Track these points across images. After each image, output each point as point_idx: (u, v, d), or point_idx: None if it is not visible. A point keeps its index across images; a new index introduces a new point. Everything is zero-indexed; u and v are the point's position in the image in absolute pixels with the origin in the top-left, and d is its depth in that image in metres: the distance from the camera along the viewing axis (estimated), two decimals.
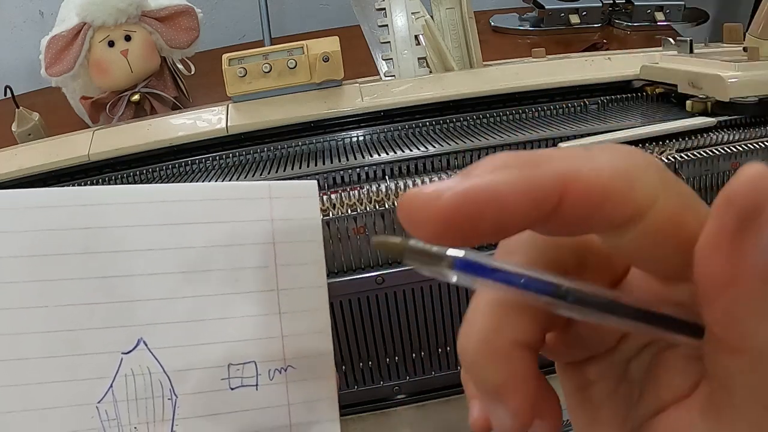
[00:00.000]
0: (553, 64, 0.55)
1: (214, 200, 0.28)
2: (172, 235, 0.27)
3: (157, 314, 0.27)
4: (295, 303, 0.28)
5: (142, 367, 0.26)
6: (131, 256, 0.27)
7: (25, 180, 0.49)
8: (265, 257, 0.28)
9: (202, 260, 0.27)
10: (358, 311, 0.39)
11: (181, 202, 0.27)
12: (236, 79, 0.50)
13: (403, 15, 0.56)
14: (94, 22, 0.62)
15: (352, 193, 0.39)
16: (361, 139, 0.50)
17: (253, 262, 0.28)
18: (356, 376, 0.41)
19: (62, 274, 0.26)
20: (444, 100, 0.51)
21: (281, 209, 0.28)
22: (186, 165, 0.49)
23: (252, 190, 0.28)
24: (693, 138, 0.44)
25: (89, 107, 0.66)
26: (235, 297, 0.28)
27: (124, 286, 0.26)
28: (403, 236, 0.15)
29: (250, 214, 0.28)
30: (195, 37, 0.69)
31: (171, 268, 0.27)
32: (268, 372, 0.28)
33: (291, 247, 0.28)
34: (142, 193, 0.27)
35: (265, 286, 0.28)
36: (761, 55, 0.49)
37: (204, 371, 0.27)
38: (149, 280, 0.27)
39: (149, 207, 0.27)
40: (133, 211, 0.27)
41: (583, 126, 0.47)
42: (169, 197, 0.27)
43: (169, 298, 0.27)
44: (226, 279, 0.28)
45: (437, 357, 0.41)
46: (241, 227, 0.28)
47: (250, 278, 0.28)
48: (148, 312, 0.27)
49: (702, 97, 0.46)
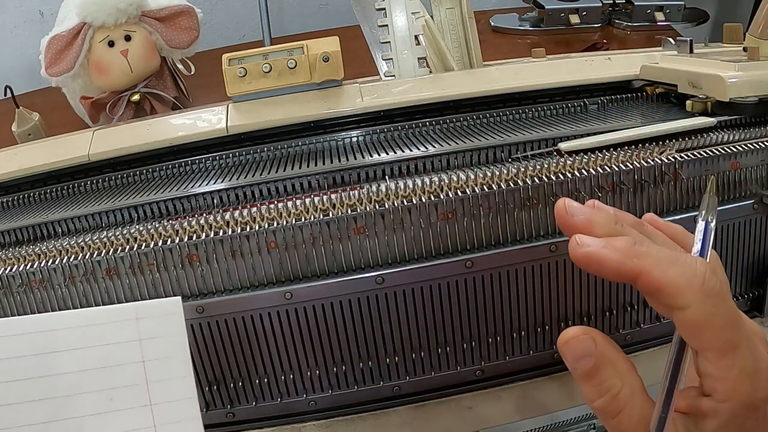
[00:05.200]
0: (553, 64, 0.55)
1: (85, 326, 0.30)
2: (46, 363, 0.29)
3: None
4: (168, 415, 0.31)
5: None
6: (9, 387, 0.29)
7: (25, 180, 0.49)
8: (136, 375, 0.31)
9: (77, 383, 0.30)
10: (358, 311, 0.39)
11: (53, 331, 0.30)
12: (236, 79, 0.50)
13: (403, 15, 0.56)
14: (94, 22, 0.62)
15: (352, 193, 0.39)
16: (361, 139, 0.50)
17: (126, 381, 0.30)
18: (356, 376, 0.41)
19: None
20: (444, 100, 0.51)
21: (148, 328, 0.31)
22: (186, 165, 0.49)
23: (119, 313, 0.31)
24: (693, 138, 0.44)
25: (89, 107, 0.66)
26: (112, 415, 0.30)
27: (7, 412, 0.28)
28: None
29: (119, 336, 0.31)
30: (195, 37, 0.69)
31: (50, 393, 0.29)
32: None
33: (160, 364, 0.31)
34: (15, 326, 0.29)
35: (139, 402, 0.30)
36: (761, 55, 0.49)
37: None
38: (30, 407, 0.29)
39: (21, 339, 0.29)
40: (8, 343, 0.29)
41: (583, 126, 0.47)
42: (39, 327, 0.30)
43: (51, 421, 0.29)
44: (102, 399, 0.30)
45: (437, 357, 0.41)
46: (112, 349, 0.30)
47: (124, 396, 0.30)
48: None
49: (702, 97, 0.46)
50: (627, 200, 0.41)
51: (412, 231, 0.39)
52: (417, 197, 0.39)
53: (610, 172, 0.40)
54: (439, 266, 0.39)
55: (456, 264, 0.39)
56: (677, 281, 0.25)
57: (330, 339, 0.39)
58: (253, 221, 0.38)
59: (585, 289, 0.42)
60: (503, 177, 0.40)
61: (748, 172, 0.44)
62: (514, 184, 0.39)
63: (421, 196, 0.39)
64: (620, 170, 0.40)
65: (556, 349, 0.42)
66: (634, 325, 0.44)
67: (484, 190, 0.39)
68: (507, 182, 0.39)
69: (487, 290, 0.40)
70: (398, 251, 0.39)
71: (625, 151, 0.42)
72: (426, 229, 0.39)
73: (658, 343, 0.45)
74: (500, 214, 0.40)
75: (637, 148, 0.43)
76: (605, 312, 0.43)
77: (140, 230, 0.38)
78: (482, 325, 0.41)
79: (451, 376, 0.41)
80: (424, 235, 0.39)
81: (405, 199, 0.39)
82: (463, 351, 0.41)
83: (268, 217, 0.38)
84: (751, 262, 0.45)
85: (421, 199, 0.39)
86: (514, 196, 0.40)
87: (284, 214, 0.38)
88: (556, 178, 0.40)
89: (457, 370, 0.41)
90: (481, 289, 0.40)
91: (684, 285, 0.25)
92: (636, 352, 0.44)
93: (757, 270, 0.46)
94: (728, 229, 0.44)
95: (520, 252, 0.40)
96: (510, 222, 0.40)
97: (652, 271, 0.25)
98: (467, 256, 0.39)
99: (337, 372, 0.40)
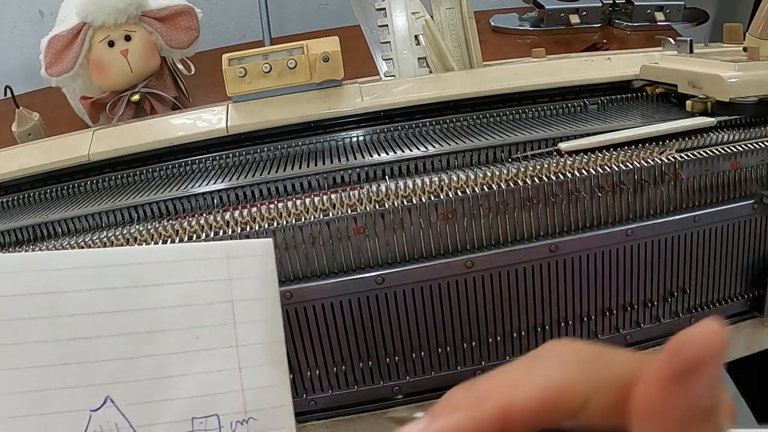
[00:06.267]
0: (553, 64, 0.55)
1: (175, 262, 0.29)
2: (134, 297, 0.28)
3: (122, 373, 0.28)
4: (254, 358, 0.30)
5: (110, 423, 0.28)
6: (95, 319, 0.28)
7: (25, 180, 0.49)
8: (224, 315, 0.30)
9: (164, 320, 0.29)
10: (358, 311, 0.39)
11: (142, 264, 0.29)
12: (236, 79, 0.50)
13: (403, 15, 0.56)
14: (94, 22, 0.62)
15: (352, 193, 0.39)
16: (361, 139, 0.50)
17: (213, 321, 0.30)
18: (356, 376, 0.41)
19: (29, 337, 0.27)
20: (444, 100, 0.51)
21: (239, 268, 0.30)
22: (186, 165, 0.49)
23: (211, 251, 0.30)
24: (693, 138, 0.44)
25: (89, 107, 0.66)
26: (197, 354, 0.29)
27: (90, 347, 0.28)
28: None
29: (209, 274, 0.30)
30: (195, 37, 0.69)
31: (133, 328, 0.28)
32: (230, 424, 0.29)
33: (249, 305, 0.30)
34: (105, 257, 0.29)
35: (225, 343, 0.30)
36: (761, 55, 0.49)
37: (169, 425, 0.28)
38: (114, 341, 0.28)
39: (111, 270, 0.28)
40: (95, 275, 0.28)
41: (583, 126, 0.47)
42: (131, 260, 0.29)
43: (133, 357, 0.28)
44: (188, 337, 0.29)
45: (437, 357, 0.41)
46: (201, 287, 0.30)
47: (210, 336, 0.29)
48: (114, 371, 0.28)
49: (702, 97, 0.46)
50: (627, 200, 0.42)
51: (412, 231, 0.39)
52: (417, 197, 0.39)
53: (610, 172, 0.40)
54: (439, 266, 0.39)
55: (456, 264, 0.39)
56: (561, 387, 0.17)
57: (330, 339, 0.39)
58: (253, 221, 0.38)
59: (585, 289, 0.42)
60: (503, 177, 0.40)
61: (748, 172, 0.44)
62: (514, 184, 0.39)
63: (421, 196, 0.39)
64: (620, 170, 0.41)
65: None
66: (634, 325, 0.44)
67: (484, 190, 0.39)
68: (507, 182, 0.39)
69: (487, 290, 0.40)
70: (398, 251, 0.39)
71: (625, 151, 0.42)
72: (426, 229, 0.39)
73: (657, 343, 0.45)
74: (500, 214, 0.40)
75: (637, 148, 0.43)
76: (605, 312, 0.43)
77: (140, 230, 0.38)
78: (482, 325, 0.41)
79: (451, 376, 0.41)
80: (424, 235, 0.39)
81: (405, 199, 0.39)
82: (463, 351, 0.41)
83: (268, 217, 0.38)
84: (751, 262, 0.45)
85: (421, 199, 0.39)
86: (514, 196, 0.40)
87: (284, 214, 0.38)
88: (556, 178, 0.40)
89: (457, 370, 0.41)
90: (481, 289, 0.40)
91: (571, 383, 0.17)
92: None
93: (757, 270, 0.46)
94: (728, 229, 0.44)
95: (520, 252, 0.40)
96: (510, 222, 0.40)
97: (516, 402, 0.17)
98: (467, 256, 0.39)
99: (337, 372, 0.40)
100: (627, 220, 0.42)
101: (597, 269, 0.41)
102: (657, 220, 0.42)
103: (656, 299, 0.43)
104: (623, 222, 0.42)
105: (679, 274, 0.43)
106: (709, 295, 0.45)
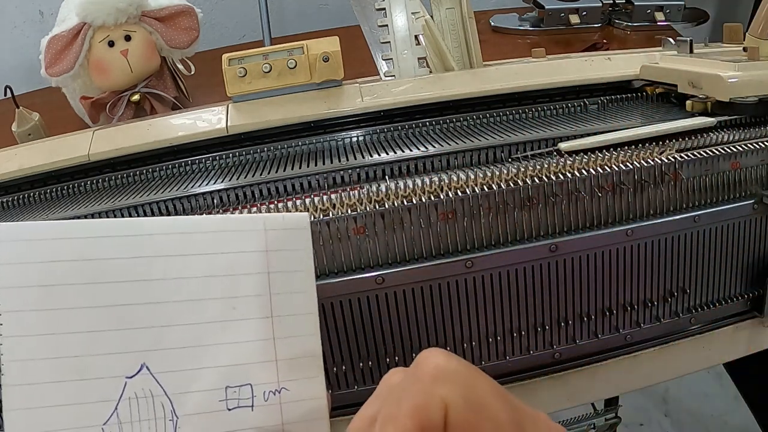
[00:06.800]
0: (553, 64, 0.55)
1: (215, 232, 0.30)
2: (174, 266, 0.29)
3: (159, 340, 0.28)
4: (288, 329, 0.30)
5: (145, 391, 0.28)
6: (134, 286, 0.28)
7: (25, 180, 0.49)
8: (260, 286, 0.30)
9: (202, 289, 0.29)
10: (358, 311, 0.39)
11: (183, 234, 0.29)
12: (236, 79, 0.50)
13: (403, 15, 0.56)
14: (94, 22, 0.62)
15: (352, 193, 0.39)
16: (360, 139, 0.50)
17: (249, 291, 0.30)
18: (356, 376, 0.41)
19: (69, 303, 0.27)
20: (444, 100, 0.51)
21: (275, 240, 0.31)
22: (186, 165, 0.49)
23: (248, 222, 0.30)
24: (693, 138, 0.44)
25: (89, 107, 0.66)
26: (233, 324, 0.30)
27: (128, 314, 0.28)
28: None
29: (247, 245, 0.30)
30: (195, 37, 0.69)
31: (172, 297, 0.29)
32: (263, 393, 0.30)
33: (284, 277, 0.31)
34: (147, 226, 0.29)
35: (261, 314, 0.30)
36: (761, 55, 0.49)
37: (203, 393, 0.29)
38: (151, 309, 0.28)
39: (152, 239, 0.29)
40: (137, 243, 0.29)
41: (583, 126, 0.47)
42: (173, 230, 0.29)
43: (170, 326, 0.29)
44: (224, 307, 0.30)
45: None
46: (239, 258, 0.30)
47: (246, 306, 0.30)
48: (150, 338, 0.28)
49: (702, 97, 0.46)
50: (627, 200, 0.42)
51: (412, 231, 0.39)
52: (417, 197, 0.39)
53: (610, 172, 0.40)
54: (439, 266, 0.39)
55: (456, 264, 0.39)
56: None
57: (330, 339, 0.39)
58: None
59: (585, 289, 0.42)
60: (503, 177, 0.40)
61: (748, 172, 0.44)
62: (514, 184, 0.39)
63: (421, 196, 0.39)
64: (620, 170, 0.41)
65: (556, 349, 0.42)
66: (634, 325, 0.44)
67: (484, 190, 0.39)
68: (507, 182, 0.39)
69: (487, 290, 0.40)
70: (398, 251, 0.39)
71: (625, 151, 0.42)
72: (426, 229, 0.39)
73: (658, 343, 0.45)
74: (500, 214, 0.40)
75: (637, 148, 0.43)
76: (605, 312, 0.43)
77: None
78: (482, 325, 0.41)
79: None
80: (424, 235, 0.39)
81: (405, 199, 0.39)
82: (463, 351, 0.41)
83: None
84: (751, 262, 0.45)
85: (421, 199, 0.39)
86: (514, 196, 0.40)
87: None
88: (556, 178, 0.40)
89: None
90: (481, 289, 0.40)
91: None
92: (636, 352, 0.44)
93: (757, 270, 0.46)
94: (728, 229, 0.44)
95: (520, 252, 0.40)
96: (510, 222, 0.40)
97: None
98: (467, 256, 0.39)
99: (337, 372, 0.40)
100: (627, 220, 0.42)
101: (597, 269, 0.41)
102: (657, 220, 0.42)
103: (656, 299, 0.43)
104: (623, 222, 0.42)
105: (679, 274, 0.43)
106: (709, 295, 0.45)
